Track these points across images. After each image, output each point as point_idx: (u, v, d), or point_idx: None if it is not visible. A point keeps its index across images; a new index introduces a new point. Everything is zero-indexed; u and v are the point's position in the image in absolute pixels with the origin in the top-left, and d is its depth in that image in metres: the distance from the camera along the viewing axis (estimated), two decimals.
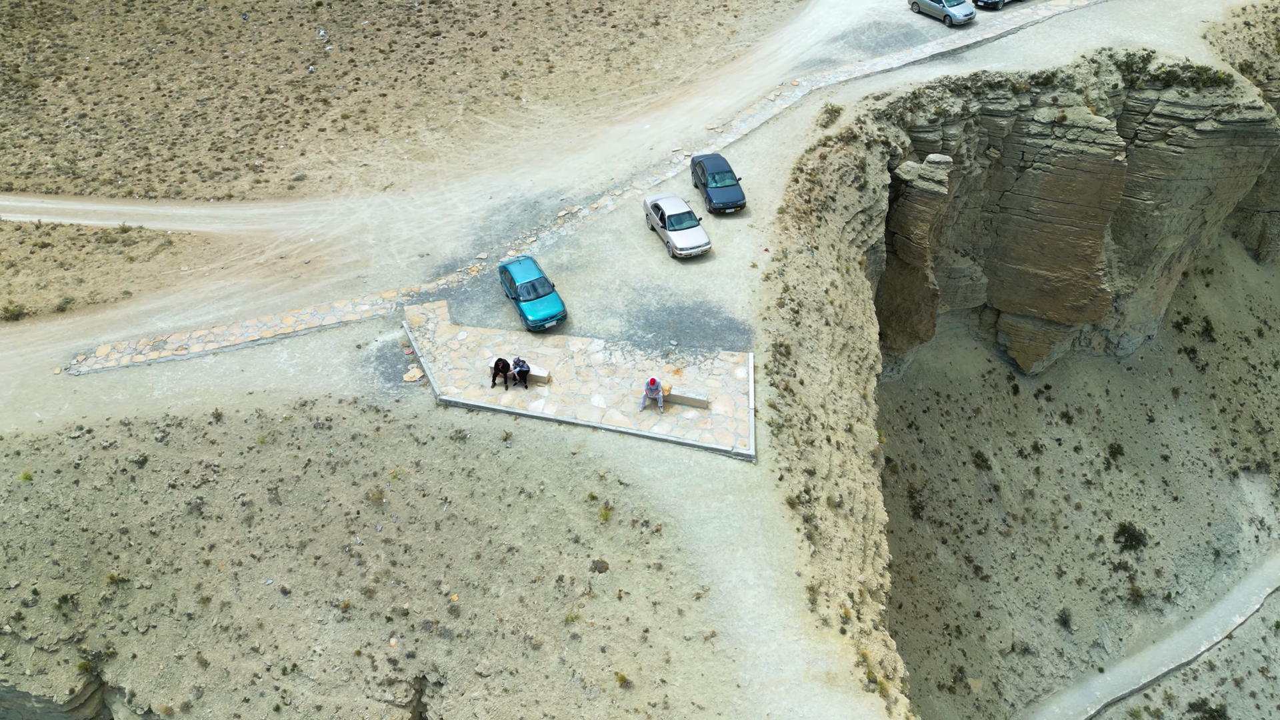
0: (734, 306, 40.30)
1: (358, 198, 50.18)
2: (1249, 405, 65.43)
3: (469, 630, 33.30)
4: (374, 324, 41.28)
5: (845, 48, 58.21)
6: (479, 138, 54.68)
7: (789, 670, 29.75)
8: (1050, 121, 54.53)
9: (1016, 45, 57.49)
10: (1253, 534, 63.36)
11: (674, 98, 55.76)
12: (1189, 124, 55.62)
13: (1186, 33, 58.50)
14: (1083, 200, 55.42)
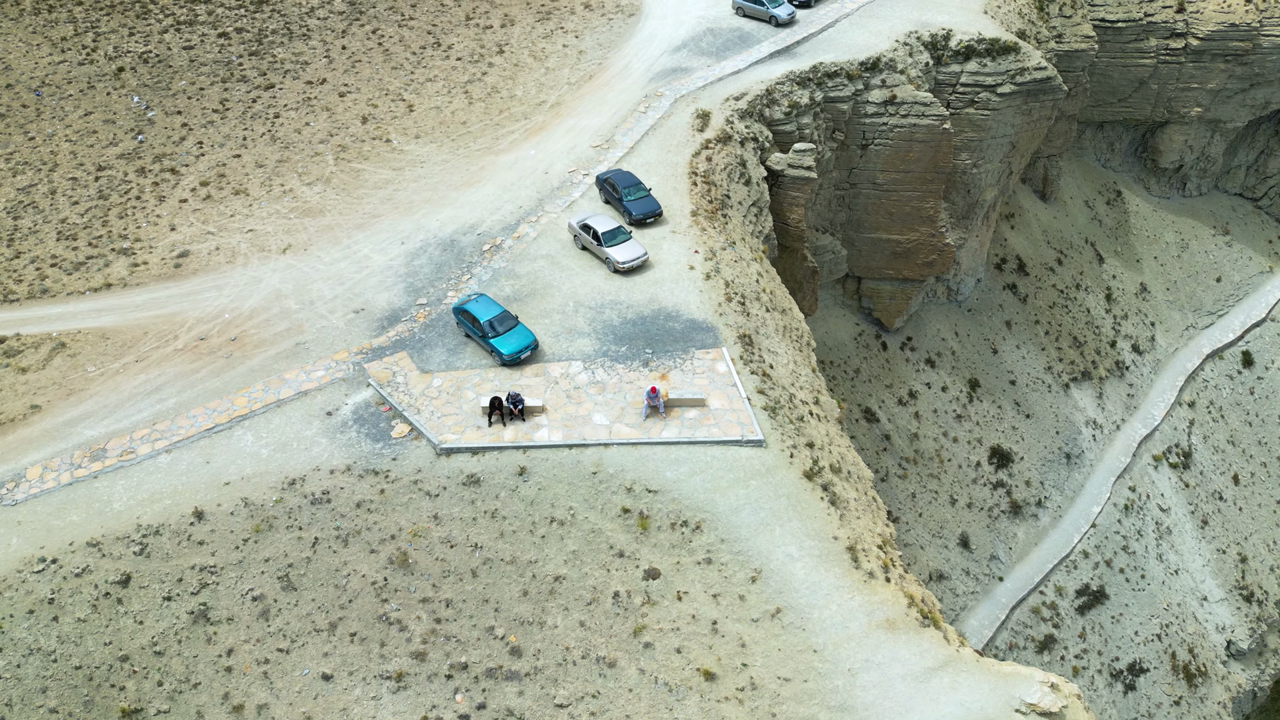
0: (690, 308, 42.49)
1: (257, 264, 47.89)
2: (1064, 324, 75.46)
3: (536, 667, 33.53)
4: (336, 389, 40.01)
5: (690, 55, 61.74)
6: (363, 185, 53.47)
7: (854, 625, 32.44)
8: (883, 101, 60.59)
9: (839, 36, 63.22)
10: (1090, 434, 73.27)
11: (548, 121, 57.02)
12: (991, 89, 63.55)
13: (970, 10, 66.59)
14: (920, 167, 62.01)
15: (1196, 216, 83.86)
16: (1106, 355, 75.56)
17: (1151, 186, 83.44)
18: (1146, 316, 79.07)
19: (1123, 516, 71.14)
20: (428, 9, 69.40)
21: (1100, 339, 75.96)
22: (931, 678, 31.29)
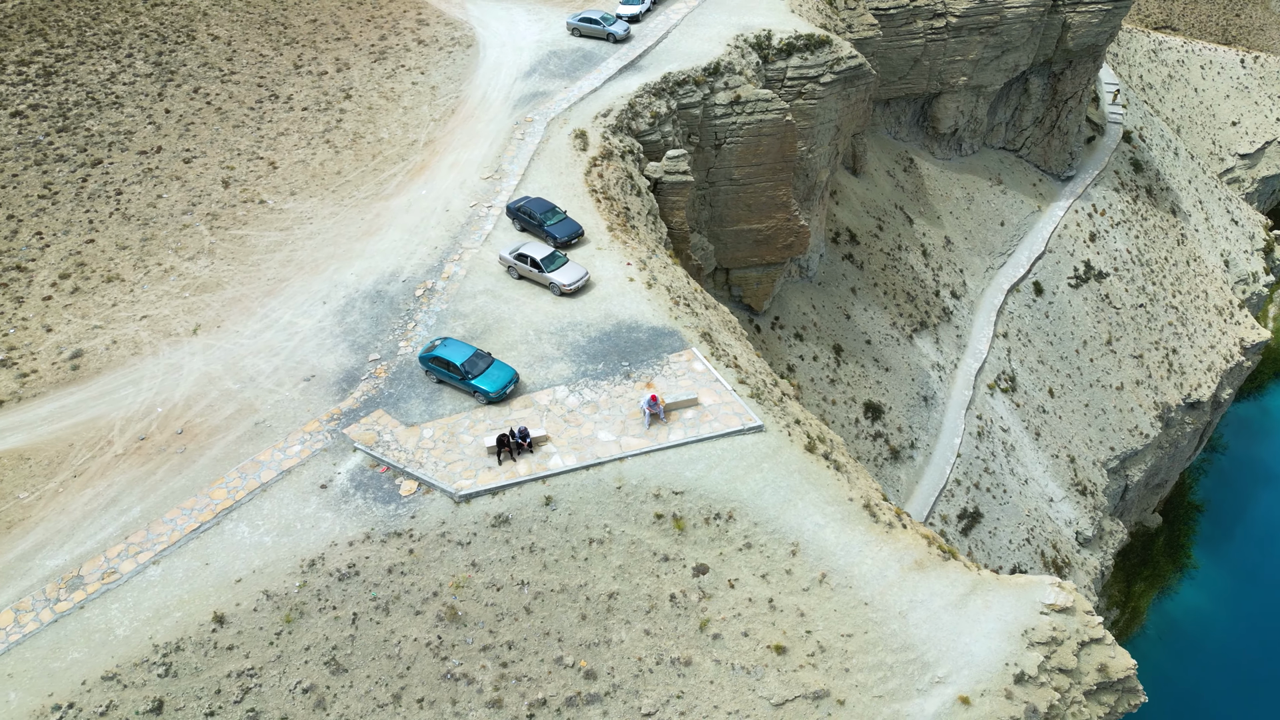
0: (645, 317, 44.23)
1: (169, 351, 44.60)
2: (896, 283, 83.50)
3: (614, 684, 34.28)
4: (321, 460, 38.44)
5: (543, 79, 63.13)
6: (254, 251, 50.82)
7: (891, 573, 35.72)
8: (729, 102, 64.79)
9: (674, 46, 66.83)
10: (937, 376, 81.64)
11: (427, 160, 56.54)
12: (814, 80, 69.52)
13: (779, 12, 72.34)
14: (770, 159, 66.82)
15: (974, 172, 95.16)
16: (934, 304, 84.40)
17: (935, 151, 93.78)
18: (955, 265, 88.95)
19: (978, 443, 79.91)
20: (247, 61, 66.27)
21: (926, 291, 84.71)
22: (967, 603, 35.13)
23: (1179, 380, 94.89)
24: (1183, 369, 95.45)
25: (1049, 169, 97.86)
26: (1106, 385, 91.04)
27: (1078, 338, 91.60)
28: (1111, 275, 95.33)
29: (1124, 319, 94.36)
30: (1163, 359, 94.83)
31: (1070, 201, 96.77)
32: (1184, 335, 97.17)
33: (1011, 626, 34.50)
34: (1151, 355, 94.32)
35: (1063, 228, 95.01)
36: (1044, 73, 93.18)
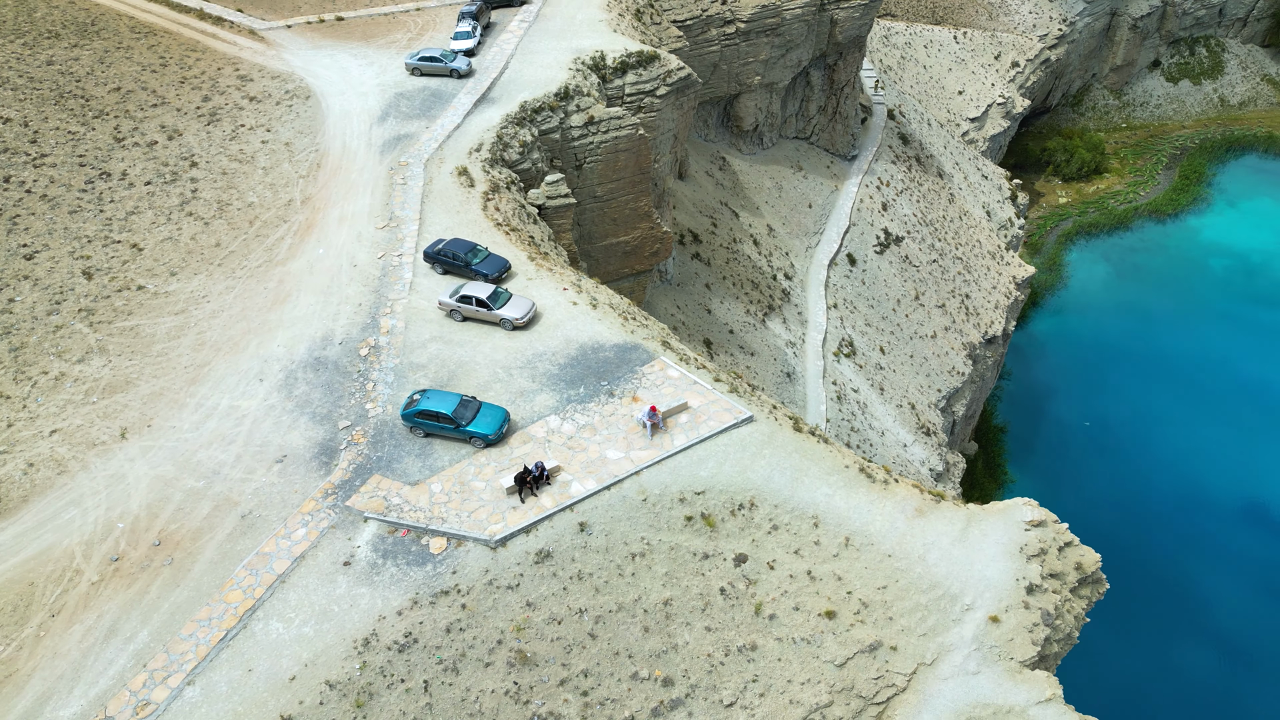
0: (604, 336, 45.43)
1: (101, 461, 40.59)
2: (741, 274, 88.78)
3: (692, 685, 35.53)
4: (332, 539, 36.75)
5: (400, 122, 62.24)
6: (153, 340, 46.92)
7: (900, 524, 39.33)
8: (584, 123, 66.80)
9: (519, 75, 67.88)
10: (792, 352, 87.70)
11: (311, 218, 54.34)
12: (651, 94, 72.93)
13: (602, 33, 75.13)
14: (629, 173, 69.51)
15: (778, 162, 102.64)
16: (774, 288, 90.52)
17: (741, 148, 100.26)
18: (781, 249, 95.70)
19: (839, 406, 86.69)
20: (56, 141, 60.36)
21: (765, 277, 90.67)
22: (968, 535, 39.41)
23: (976, 320, 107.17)
24: (977, 310, 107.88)
25: (837, 151, 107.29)
26: (923, 335, 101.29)
27: (891, 298, 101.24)
28: (906, 238, 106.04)
29: (924, 275, 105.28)
30: (960, 304, 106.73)
31: (860, 178, 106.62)
32: (971, 281, 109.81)
33: (1009, 547, 39.10)
34: (951, 303, 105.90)
35: (859, 202, 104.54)
36: (821, 66, 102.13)
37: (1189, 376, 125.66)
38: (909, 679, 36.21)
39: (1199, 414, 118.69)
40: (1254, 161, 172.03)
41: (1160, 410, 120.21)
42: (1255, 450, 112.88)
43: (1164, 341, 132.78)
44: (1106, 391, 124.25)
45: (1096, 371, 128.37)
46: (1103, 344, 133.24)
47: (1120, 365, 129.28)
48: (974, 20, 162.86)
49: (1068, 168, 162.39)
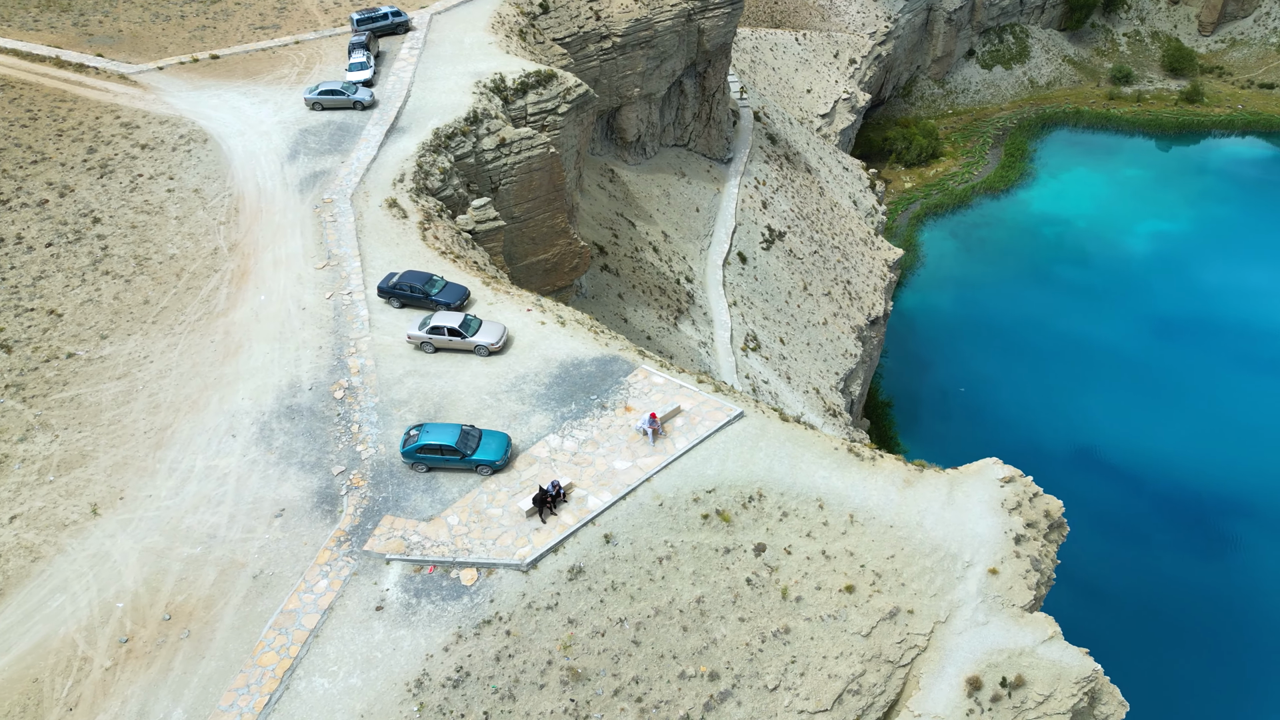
0: (581, 351, 45.96)
1: (78, 542, 38.00)
2: (648, 280, 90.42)
3: (737, 675, 36.66)
4: (358, 585, 35.83)
5: (313, 158, 60.61)
6: (100, 409, 44.07)
7: (894, 495, 41.75)
8: (496, 146, 66.91)
9: (424, 103, 67.21)
10: (705, 352, 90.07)
11: (243, 265, 52.23)
12: (553, 112, 73.68)
13: (494, 56, 75.30)
14: (544, 191, 70.00)
15: (662, 170, 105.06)
16: (680, 291, 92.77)
17: (627, 159, 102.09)
18: (679, 253, 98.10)
19: (755, 399, 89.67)
20: None
21: (669, 282, 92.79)
22: (954, 498, 42.27)
23: (859, 304, 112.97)
24: (859, 295, 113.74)
25: (714, 155, 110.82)
26: (815, 323, 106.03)
27: (783, 290, 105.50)
28: (787, 233, 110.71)
29: (808, 266, 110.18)
30: (843, 290, 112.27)
31: (738, 179, 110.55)
32: (850, 268, 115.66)
33: (991, 503, 42.22)
34: (835, 290, 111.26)
35: (741, 202, 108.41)
36: (692, 74, 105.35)
37: (1036, 335, 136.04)
38: (928, 638, 38.61)
39: (1048, 368, 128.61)
40: (1066, 135, 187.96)
41: (1018, 368, 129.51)
42: (1087, 396, 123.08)
43: (1013, 305, 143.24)
44: (973, 357, 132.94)
45: (961, 339, 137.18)
46: (962, 313, 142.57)
47: (980, 331, 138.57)
48: (809, 22, 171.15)
49: (908, 154, 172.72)
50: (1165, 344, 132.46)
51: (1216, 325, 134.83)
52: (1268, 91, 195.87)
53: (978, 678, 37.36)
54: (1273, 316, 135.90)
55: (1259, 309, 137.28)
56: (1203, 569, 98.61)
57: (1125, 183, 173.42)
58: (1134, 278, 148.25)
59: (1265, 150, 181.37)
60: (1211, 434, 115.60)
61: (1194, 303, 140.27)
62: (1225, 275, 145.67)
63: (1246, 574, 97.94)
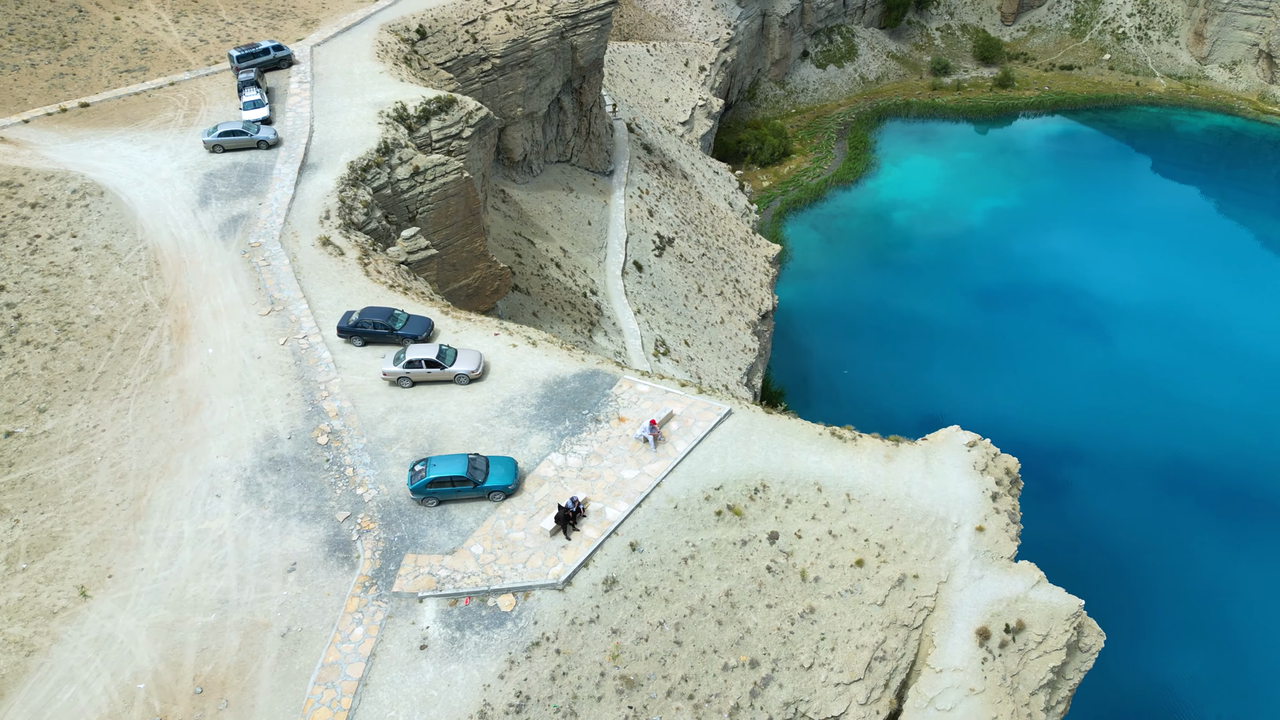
0: (561, 369, 46.26)
1: (74, 629, 35.46)
2: (557, 295, 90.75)
3: (774, 660, 37.99)
4: (395, 628, 35.06)
5: (227, 202, 58.17)
6: (58, 486, 41.04)
7: (880, 470, 44.18)
8: (410, 175, 66.08)
9: (330, 137, 65.50)
10: (621, 361, 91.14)
11: (180, 319, 49.61)
12: (457, 137, 73.31)
13: (390, 85, 74.09)
14: (461, 216, 69.55)
15: (550, 188, 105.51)
16: (588, 304, 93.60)
17: (515, 178, 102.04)
18: (580, 267, 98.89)
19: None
20: None
21: (577, 295, 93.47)
22: (931, 467, 45.13)
23: (750, 300, 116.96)
24: (748, 292, 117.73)
25: (596, 168, 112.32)
26: (714, 323, 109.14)
27: (680, 294, 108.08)
28: (676, 238, 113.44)
29: (699, 269, 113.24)
30: (734, 289, 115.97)
31: (622, 190, 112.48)
32: (737, 267, 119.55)
33: (964, 467, 45.35)
34: (727, 289, 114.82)
35: (629, 212, 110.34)
36: (569, 90, 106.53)
37: (902, 311, 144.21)
38: (934, 598, 41.18)
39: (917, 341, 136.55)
40: (900, 126, 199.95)
41: (890, 345, 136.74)
42: (940, 366, 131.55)
43: (878, 286, 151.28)
44: (850, 339, 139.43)
45: (836, 324, 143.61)
46: (834, 300, 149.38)
47: (852, 314, 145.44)
48: (655, 33, 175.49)
49: (762, 154, 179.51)
50: (1011, 308, 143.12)
51: (1048, 289, 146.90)
52: (1068, 73, 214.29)
53: (985, 628, 40.16)
54: (1098, 278, 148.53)
55: (1082, 272, 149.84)
56: (1043, 511, 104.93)
57: (958, 165, 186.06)
58: (977, 250, 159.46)
59: (1071, 126, 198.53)
60: (1046, 388, 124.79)
61: (1027, 270, 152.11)
62: (1055, 243, 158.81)
63: (1082, 515, 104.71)
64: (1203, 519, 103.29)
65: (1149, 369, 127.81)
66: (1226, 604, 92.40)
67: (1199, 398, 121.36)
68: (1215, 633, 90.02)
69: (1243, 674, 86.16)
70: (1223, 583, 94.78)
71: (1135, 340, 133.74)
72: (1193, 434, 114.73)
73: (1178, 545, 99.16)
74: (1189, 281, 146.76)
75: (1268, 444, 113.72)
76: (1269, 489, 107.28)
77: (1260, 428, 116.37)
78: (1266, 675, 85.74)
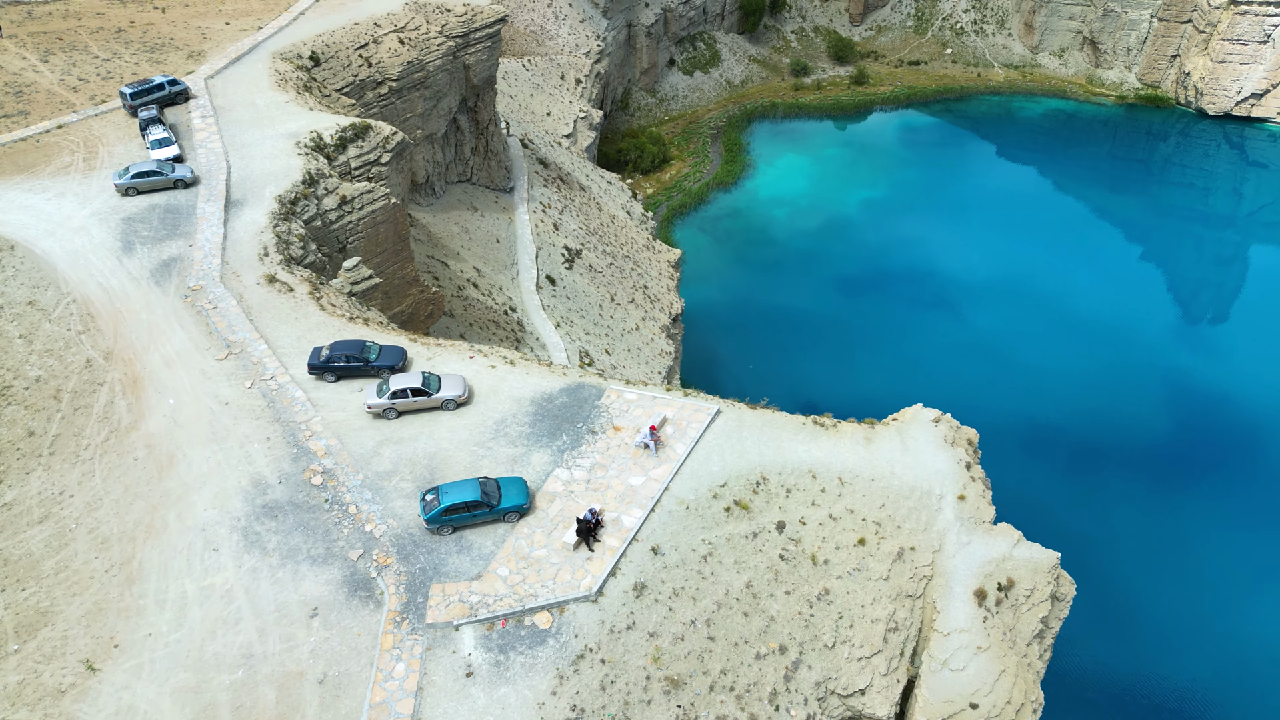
0: (546, 385, 46.31)
1: (89, 704, 33.44)
2: (480, 316, 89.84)
3: (801, 644, 39.27)
4: (437, 659, 34.53)
5: (153, 246, 55.52)
6: (38, 558, 38.35)
7: (861, 453, 46.18)
8: (338, 204, 64.59)
9: (250, 171, 63.26)
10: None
11: (130, 372, 47.05)
12: (376, 162, 72.00)
13: (299, 114, 72.03)
14: (391, 243, 68.36)
15: (455, 208, 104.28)
16: (510, 321, 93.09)
17: (420, 200, 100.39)
18: (495, 285, 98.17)
19: None
20: None
21: (499, 314, 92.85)
22: (907, 444, 47.43)
23: (660, 305, 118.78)
24: (657, 297, 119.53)
25: (497, 186, 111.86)
26: (630, 330, 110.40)
27: (594, 305, 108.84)
28: (583, 249, 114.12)
29: (609, 278, 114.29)
30: (644, 295, 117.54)
31: (525, 206, 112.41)
32: (643, 273, 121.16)
33: (936, 441, 47.91)
34: (638, 296, 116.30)
35: (535, 227, 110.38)
36: (465, 109, 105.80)
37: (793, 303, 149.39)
38: (931, 567, 43.43)
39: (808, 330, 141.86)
40: (769, 127, 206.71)
41: (786, 336, 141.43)
42: (845, 349, 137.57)
43: (769, 281, 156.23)
44: (749, 334, 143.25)
45: (735, 322, 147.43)
46: (729, 298, 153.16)
47: (748, 311, 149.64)
48: (528, 48, 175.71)
49: (643, 162, 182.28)
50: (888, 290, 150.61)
51: (920, 272, 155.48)
52: (916, 68, 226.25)
53: (981, 588, 42.66)
54: (959, 258, 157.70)
55: (946, 254, 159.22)
56: None
57: (828, 161, 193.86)
58: (856, 240, 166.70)
59: (924, 118, 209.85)
60: (922, 364, 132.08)
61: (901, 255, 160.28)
62: (924, 228, 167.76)
63: None
64: (1053, 474, 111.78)
65: (1001, 339, 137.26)
66: (1087, 551, 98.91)
67: (1046, 362, 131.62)
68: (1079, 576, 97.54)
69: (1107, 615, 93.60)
70: (1082, 528, 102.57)
71: (989, 313, 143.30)
72: (1041, 397, 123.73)
73: (1034, 498, 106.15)
74: (1037, 255, 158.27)
75: (1110, 402, 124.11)
76: (1112, 440, 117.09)
77: (1100, 388, 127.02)
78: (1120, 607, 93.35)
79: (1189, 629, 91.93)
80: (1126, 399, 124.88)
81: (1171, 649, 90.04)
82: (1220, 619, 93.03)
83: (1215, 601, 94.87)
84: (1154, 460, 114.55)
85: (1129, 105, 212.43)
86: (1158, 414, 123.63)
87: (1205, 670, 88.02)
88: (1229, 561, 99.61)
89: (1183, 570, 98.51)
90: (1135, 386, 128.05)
